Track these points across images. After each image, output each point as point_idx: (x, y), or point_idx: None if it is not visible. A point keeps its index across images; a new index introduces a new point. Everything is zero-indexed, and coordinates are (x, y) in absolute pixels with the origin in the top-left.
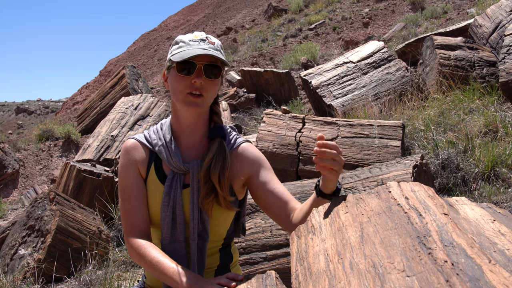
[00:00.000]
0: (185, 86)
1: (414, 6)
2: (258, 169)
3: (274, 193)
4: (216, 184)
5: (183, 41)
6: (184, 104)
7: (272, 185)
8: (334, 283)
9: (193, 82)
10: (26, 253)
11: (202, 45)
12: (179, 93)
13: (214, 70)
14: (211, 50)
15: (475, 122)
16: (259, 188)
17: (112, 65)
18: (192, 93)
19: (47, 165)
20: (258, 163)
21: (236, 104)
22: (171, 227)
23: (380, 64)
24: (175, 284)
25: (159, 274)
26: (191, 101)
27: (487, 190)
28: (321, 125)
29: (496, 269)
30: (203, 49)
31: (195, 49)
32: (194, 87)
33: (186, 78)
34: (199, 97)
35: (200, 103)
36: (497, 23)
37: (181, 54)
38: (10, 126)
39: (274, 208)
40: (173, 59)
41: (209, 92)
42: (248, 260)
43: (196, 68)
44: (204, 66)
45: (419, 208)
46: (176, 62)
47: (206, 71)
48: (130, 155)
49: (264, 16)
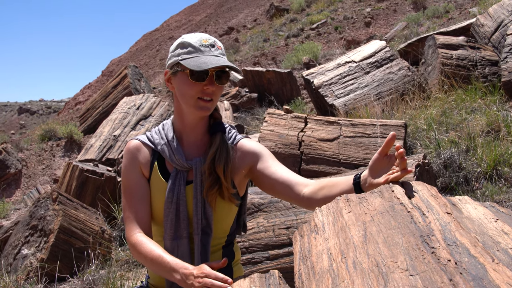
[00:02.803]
0: (196, 92)
1: (416, 6)
2: (257, 159)
3: (277, 174)
4: (221, 175)
5: (193, 46)
6: (194, 109)
7: (273, 168)
8: (338, 282)
9: (206, 88)
10: (29, 252)
11: (213, 51)
12: (189, 98)
13: (224, 75)
14: (223, 58)
15: (477, 122)
16: (261, 174)
17: (114, 65)
18: (202, 98)
19: (49, 165)
20: (257, 154)
21: (238, 104)
22: (174, 223)
23: (382, 64)
24: (165, 268)
25: (156, 267)
26: (202, 106)
27: (490, 189)
28: (324, 124)
29: (500, 268)
30: (217, 57)
31: (209, 56)
32: (206, 93)
33: (199, 85)
34: (209, 102)
35: (210, 107)
36: (499, 22)
37: (197, 62)
38: (12, 126)
39: (281, 189)
40: (188, 66)
41: (217, 96)
42: (251, 260)
43: (208, 75)
44: (215, 73)
45: (422, 207)
46: (190, 69)
47: (217, 77)
48: (133, 156)
49: (266, 16)
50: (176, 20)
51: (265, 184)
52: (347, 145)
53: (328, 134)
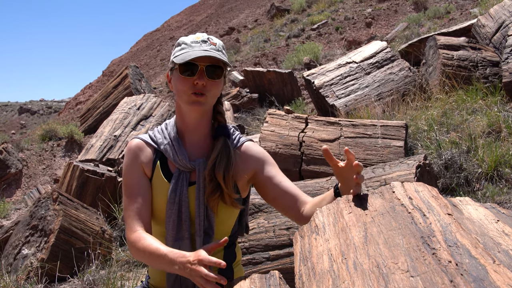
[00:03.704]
0: (188, 87)
1: (417, 6)
2: (262, 166)
3: (281, 187)
4: (221, 182)
5: (185, 43)
6: (187, 104)
7: (278, 180)
8: (338, 283)
9: (196, 83)
10: (29, 252)
11: (204, 46)
12: (183, 94)
13: (216, 71)
14: (212, 51)
15: (478, 122)
16: (265, 184)
17: (115, 65)
18: (195, 93)
19: (50, 165)
20: (262, 160)
21: (239, 104)
22: (176, 224)
23: (383, 64)
24: (164, 261)
25: (155, 262)
26: (194, 100)
27: (491, 190)
28: (324, 125)
29: (501, 270)
30: (204, 51)
31: (196, 50)
32: (197, 88)
33: (189, 79)
34: (201, 96)
35: (203, 102)
36: (500, 23)
37: (183, 56)
38: (13, 126)
39: (283, 203)
40: (175, 61)
41: (211, 92)
42: (251, 260)
43: (198, 70)
44: (206, 67)
45: (422, 208)
46: (178, 64)
47: (208, 72)
48: (135, 154)
49: (267, 16)
50: (176, 20)
51: (268, 194)
52: (348, 145)
53: (328, 134)
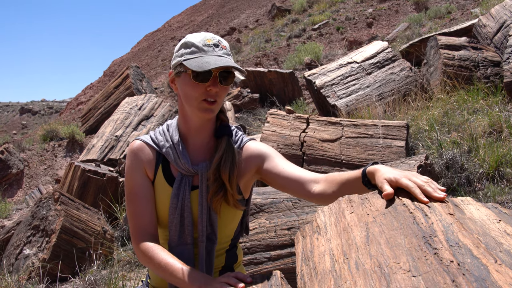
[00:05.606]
0: (200, 93)
1: (418, 6)
2: (263, 160)
3: (285, 175)
4: (226, 182)
5: (196, 46)
6: (198, 111)
7: (281, 167)
8: (340, 283)
9: (209, 90)
10: (31, 253)
11: (217, 51)
12: (193, 100)
13: (229, 77)
14: (227, 58)
15: (479, 122)
16: (270, 176)
17: (116, 65)
18: (207, 100)
19: (51, 165)
20: (263, 154)
21: (240, 104)
22: (179, 229)
23: (384, 64)
24: (184, 285)
25: (168, 276)
26: (206, 108)
27: (492, 190)
28: (325, 125)
29: (502, 269)
30: (220, 57)
31: (211, 56)
32: (210, 94)
33: (202, 86)
34: (213, 104)
35: (214, 109)
36: (501, 23)
37: (199, 63)
38: (14, 126)
39: (292, 189)
40: (189, 66)
41: (222, 98)
42: (253, 260)
43: (212, 76)
44: (219, 74)
45: (424, 208)
46: (191, 69)
47: (221, 78)
48: (136, 156)
49: (268, 17)
50: (178, 20)
51: (276, 184)
52: (349, 145)
53: (330, 134)
